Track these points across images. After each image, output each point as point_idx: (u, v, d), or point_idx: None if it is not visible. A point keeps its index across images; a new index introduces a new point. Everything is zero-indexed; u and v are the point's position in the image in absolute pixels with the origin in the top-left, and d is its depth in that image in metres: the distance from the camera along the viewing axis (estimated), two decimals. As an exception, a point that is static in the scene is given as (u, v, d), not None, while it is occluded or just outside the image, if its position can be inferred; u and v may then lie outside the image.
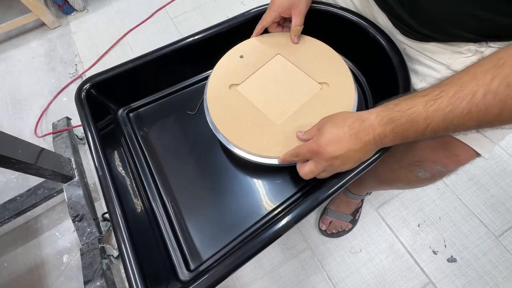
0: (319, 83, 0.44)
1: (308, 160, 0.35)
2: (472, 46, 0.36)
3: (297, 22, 0.45)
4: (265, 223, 0.44)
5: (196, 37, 0.49)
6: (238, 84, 0.45)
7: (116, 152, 0.48)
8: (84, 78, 0.47)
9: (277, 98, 0.44)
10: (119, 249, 0.32)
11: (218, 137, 0.42)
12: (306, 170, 0.35)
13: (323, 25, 0.50)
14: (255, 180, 0.47)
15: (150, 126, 0.53)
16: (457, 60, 0.37)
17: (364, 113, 0.31)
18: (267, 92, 0.44)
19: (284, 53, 0.47)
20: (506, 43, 0.34)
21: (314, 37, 0.49)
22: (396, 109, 0.29)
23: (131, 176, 0.46)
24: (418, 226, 0.73)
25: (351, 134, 0.31)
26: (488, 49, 0.35)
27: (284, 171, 0.47)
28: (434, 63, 0.40)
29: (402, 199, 0.76)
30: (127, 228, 0.34)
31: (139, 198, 0.44)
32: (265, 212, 0.44)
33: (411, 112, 0.28)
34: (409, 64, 0.43)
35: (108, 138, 0.47)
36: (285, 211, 0.39)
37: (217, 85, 0.45)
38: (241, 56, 0.48)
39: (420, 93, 0.29)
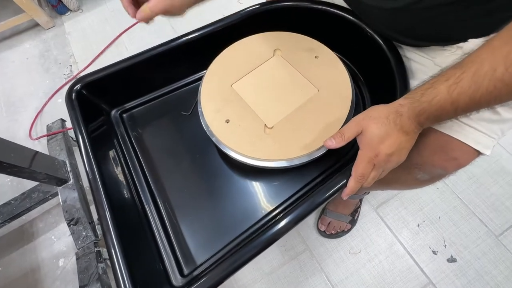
0: (316, 87, 0.43)
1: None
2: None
3: (151, 3, 0.35)
4: (262, 226, 0.43)
5: (191, 36, 0.48)
6: (234, 82, 0.44)
7: (108, 154, 0.46)
8: (81, 76, 0.46)
9: (271, 99, 0.43)
10: (109, 254, 0.31)
11: (213, 139, 0.41)
12: (369, 181, 0.34)
13: (321, 24, 0.49)
14: (251, 182, 0.46)
15: (144, 127, 0.52)
16: (441, 55, 0.38)
17: (397, 107, 0.32)
18: (262, 92, 0.43)
19: (284, 54, 0.46)
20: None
21: (311, 35, 0.48)
22: (423, 100, 0.29)
23: (124, 179, 0.45)
24: (418, 226, 0.72)
25: (398, 129, 0.31)
26: (467, 43, 0.35)
27: (281, 173, 0.46)
28: (423, 59, 0.41)
29: (401, 199, 0.76)
30: (118, 233, 0.33)
31: (132, 201, 0.43)
32: (262, 215, 0.43)
33: (437, 100, 0.28)
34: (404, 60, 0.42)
35: (100, 140, 0.46)
36: (283, 213, 0.38)
37: (213, 82, 0.44)
38: (239, 54, 0.47)
39: (442, 76, 0.29)
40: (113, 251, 0.31)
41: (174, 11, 0.38)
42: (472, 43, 0.34)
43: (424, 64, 0.41)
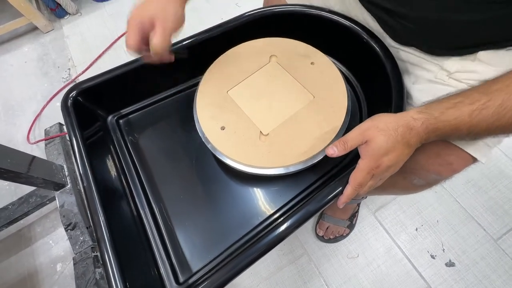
0: (311, 93, 0.43)
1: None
2: None
3: (158, 39, 0.35)
4: (259, 232, 0.42)
5: (188, 42, 0.48)
6: (230, 89, 0.44)
7: (104, 160, 0.46)
8: (77, 83, 0.46)
9: (267, 105, 0.43)
10: (103, 262, 0.31)
11: (208, 146, 0.41)
12: (365, 189, 0.34)
13: (317, 30, 0.49)
14: (248, 188, 0.46)
15: (141, 132, 0.51)
16: (450, 59, 0.37)
17: (410, 120, 0.31)
18: (258, 99, 0.43)
19: (280, 60, 0.46)
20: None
21: (307, 41, 0.48)
22: (442, 119, 0.29)
23: (120, 184, 0.45)
24: (416, 230, 0.72)
25: (403, 143, 0.31)
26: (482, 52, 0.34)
27: (278, 179, 0.46)
28: (427, 64, 0.40)
29: (400, 203, 0.75)
30: (112, 240, 0.33)
31: (127, 208, 0.43)
32: (259, 221, 0.43)
33: (457, 122, 0.29)
34: (401, 65, 0.42)
35: (96, 146, 0.46)
36: (280, 219, 0.38)
37: (208, 88, 0.44)
38: (235, 60, 0.47)
39: (467, 99, 0.29)
40: (106, 258, 0.31)
41: (175, 25, 0.38)
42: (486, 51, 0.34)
43: (429, 69, 0.40)
